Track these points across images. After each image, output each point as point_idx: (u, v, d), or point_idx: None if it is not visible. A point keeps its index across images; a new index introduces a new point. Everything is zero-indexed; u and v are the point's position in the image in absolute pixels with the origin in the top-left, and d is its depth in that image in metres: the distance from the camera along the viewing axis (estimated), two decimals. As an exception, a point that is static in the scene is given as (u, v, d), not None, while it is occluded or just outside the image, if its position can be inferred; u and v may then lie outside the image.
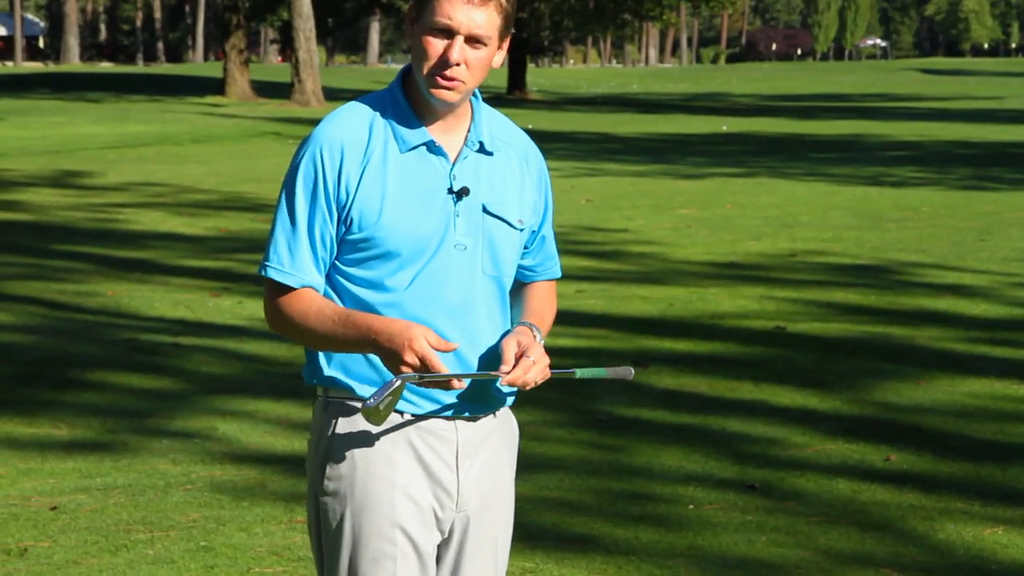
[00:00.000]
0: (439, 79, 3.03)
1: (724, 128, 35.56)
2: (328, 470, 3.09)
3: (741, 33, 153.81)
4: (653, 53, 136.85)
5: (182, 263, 12.63)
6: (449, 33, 3.02)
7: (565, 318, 10.10)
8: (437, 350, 2.97)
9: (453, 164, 3.11)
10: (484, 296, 3.15)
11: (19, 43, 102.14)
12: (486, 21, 3.03)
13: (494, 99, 52.12)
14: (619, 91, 64.76)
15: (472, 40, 3.03)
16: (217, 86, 46.72)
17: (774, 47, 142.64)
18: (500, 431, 3.30)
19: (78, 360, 8.78)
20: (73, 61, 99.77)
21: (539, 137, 23.95)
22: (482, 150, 3.15)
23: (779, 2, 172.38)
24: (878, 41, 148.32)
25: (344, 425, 3.09)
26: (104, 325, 9.85)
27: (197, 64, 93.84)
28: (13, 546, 5.63)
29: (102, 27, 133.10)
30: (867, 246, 13.50)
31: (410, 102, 3.10)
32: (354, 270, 3.08)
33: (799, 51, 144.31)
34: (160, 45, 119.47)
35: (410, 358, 2.95)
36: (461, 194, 3.09)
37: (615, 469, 6.59)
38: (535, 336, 3.21)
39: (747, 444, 7.00)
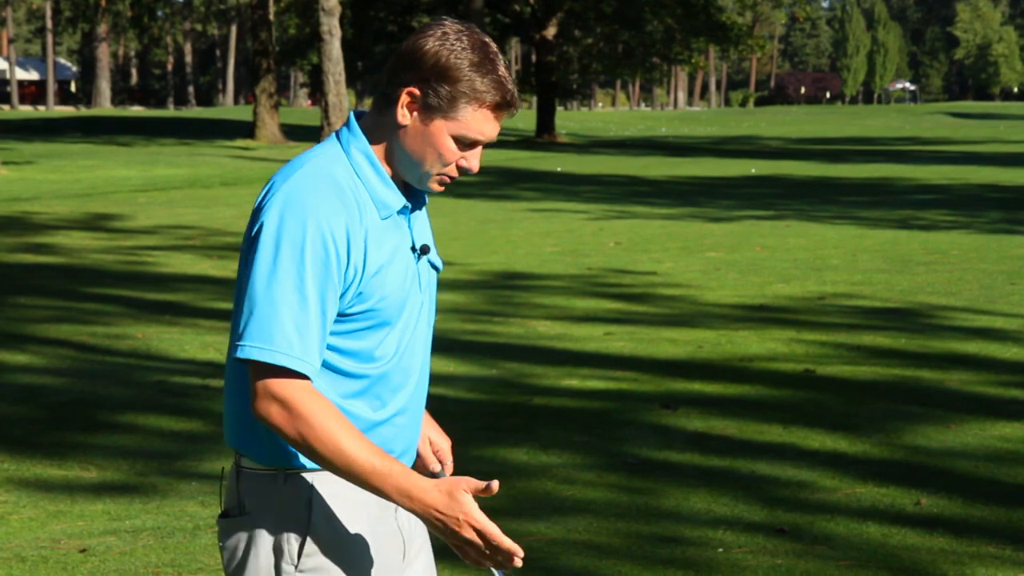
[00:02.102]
0: (446, 179, 2.92)
1: (753, 171, 35.56)
2: (307, 546, 2.89)
3: (770, 76, 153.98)
4: (682, 96, 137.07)
5: (211, 305, 12.67)
6: (474, 144, 2.89)
7: (593, 360, 10.12)
8: (477, 494, 2.84)
9: (408, 219, 2.98)
10: (428, 344, 3.07)
11: (51, 87, 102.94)
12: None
13: (523, 143, 52.26)
14: (648, 134, 64.87)
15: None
16: (247, 129, 46.97)
17: (803, 90, 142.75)
18: None
19: (108, 402, 8.81)
20: (104, 105, 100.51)
21: (568, 180, 24.09)
22: (419, 207, 3.03)
23: (808, 45, 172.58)
24: (907, 85, 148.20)
25: (321, 500, 2.91)
26: (134, 367, 9.88)
27: (227, 108, 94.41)
28: (42, 588, 5.64)
29: (133, 71, 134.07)
30: (896, 289, 13.47)
31: (384, 163, 2.92)
32: (341, 341, 2.87)
33: (828, 94, 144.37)
34: (191, 89, 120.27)
35: (469, 534, 2.81)
36: (423, 252, 2.98)
37: (644, 512, 6.57)
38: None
39: (776, 487, 6.98)
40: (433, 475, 3.22)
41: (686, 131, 69.62)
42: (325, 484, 2.90)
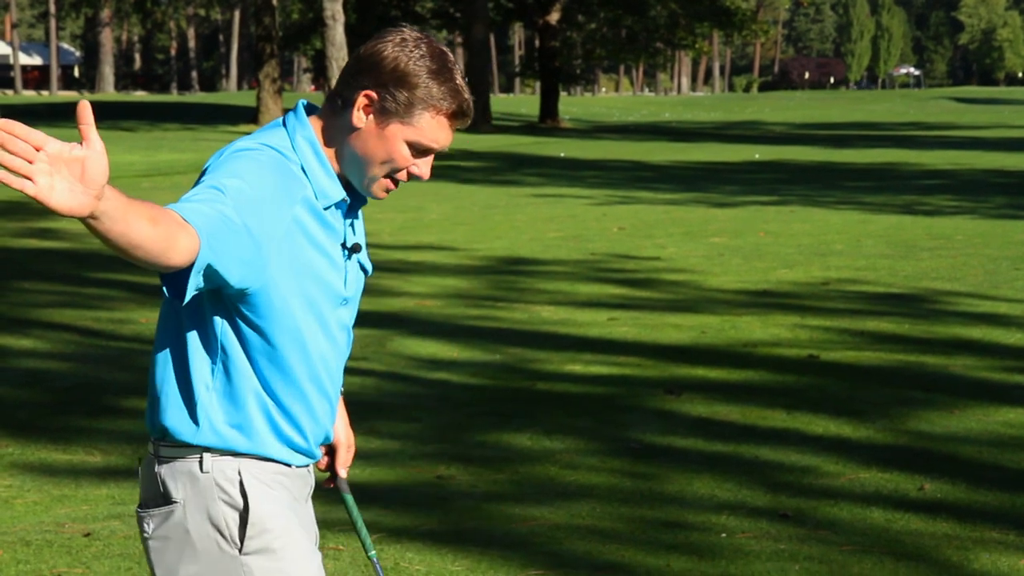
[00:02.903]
0: (392, 185, 2.93)
1: (757, 156, 35.53)
2: (250, 528, 2.90)
3: (774, 62, 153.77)
4: (686, 81, 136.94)
5: (216, 291, 12.66)
6: (427, 152, 2.92)
7: (597, 345, 10.12)
8: None
9: (345, 216, 2.98)
10: (346, 341, 3.08)
11: (55, 72, 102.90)
12: None
13: (527, 128, 52.23)
14: (651, 119, 64.83)
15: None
16: (251, 115, 46.94)
17: (807, 76, 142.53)
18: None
19: (112, 387, 8.83)
20: (108, 90, 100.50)
21: (572, 165, 24.04)
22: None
23: (812, 31, 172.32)
24: (911, 70, 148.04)
25: (254, 481, 2.93)
26: (138, 352, 9.89)
27: (231, 93, 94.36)
28: (47, 572, 5.65)
29: (137, 56, 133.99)
30: (901, 275, 13.46)
31: (327, 155, 2.92)
32: (262, 322, 2.87)
33: (832, 80, 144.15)
34: (194, 74, 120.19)
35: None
36: (353, 250, 2.98)
37: (647, 497, 6.58)
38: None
39: (780, 473, 6.98)
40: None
41: (690, 116, 69.56)
42: (250, 467, 2.93)
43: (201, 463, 2.92)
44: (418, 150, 2.89)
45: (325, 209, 2.90)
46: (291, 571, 2.92)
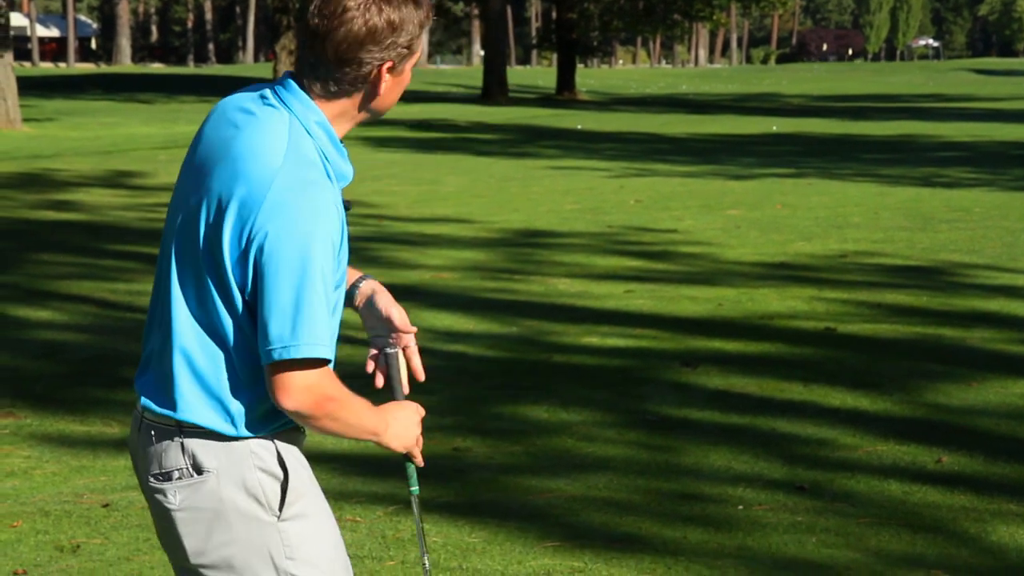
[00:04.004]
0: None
1: (774, 129, 35.43)
2: (290, 494, 2.96)
3: (792, 33, 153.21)
4: (703, 53, 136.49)
5: (233, 263, 12.68)
6: None
7: (613, 318, 10.11)
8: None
9: None
10: None
11: (72, 45, 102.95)
12: None
13: (544, 100, 52.13)
14: (669, 92, 64.66)
15: None
16: (268, 87, 46.88)
17: (825, 47, 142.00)
18: None
19: (129, 359, 8.84)
20: (125, 62, 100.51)
21: (588, 137, 24.02)
22: None
23: (830, 2, 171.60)
24: (930, 41, 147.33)
25: (288, 452, 2.99)
26: (155, 324, 9.90)
27: (247, 65, 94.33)
28: (66, 543, 5.68)
29: (153, 28, 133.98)
30: (918, 247, 13.42)
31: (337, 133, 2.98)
32: None
33: (850, 51, 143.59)
34: (211, 46, 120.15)
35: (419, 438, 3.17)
36: (347, 208, 3.00)
37: (664, 469, 6.58)
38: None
39: (797, 445, 6.98)
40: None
41: (707, 88, 69.35)
42: (280, 435, 2.99)
43: (232, 442, 2.93)
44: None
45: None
46: (325, 532, 3.01)
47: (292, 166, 2.83)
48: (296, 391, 2.82)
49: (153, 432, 2.99)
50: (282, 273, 2.79)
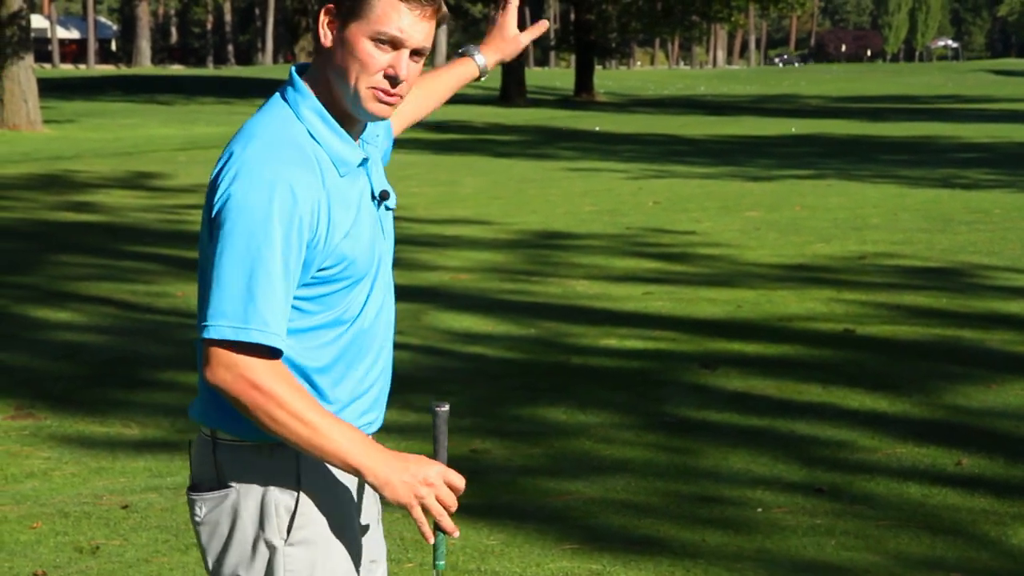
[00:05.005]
0: (380, 94, 2.75)
1: (793, 130, 35.37)
2: (299, 519, 2.82)
3: (810, 34, 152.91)
4: (721, 55, 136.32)
5: (251, 264, 12.70)
6: (394, 45, 2.74)
7: (632, 320, 10.10)
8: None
9: (366, 168, 2.88)
10: (391, 304, 2.99)
11: (92, 46, 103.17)
12: (431, 33, 2.80)
13: (562, 102, 52.13)
14: (687, 93, 64.60)
15: (415, 53, 2.77)
16: (286, 88, 46.94)
17: (843, 48, 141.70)
18: None
19: (149, 360, 8.87)
20: (144, 64, 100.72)
21: (607, 139, 23.93)
22: (365, 163, 2.89)
23: (849, 3, 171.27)
24: (949, 42, 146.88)
25: (312, 468, 2.85)
26: (174, 325, 9.93)
27: (267, 66, 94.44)
28: (85, 544, 5.69)
29: (173, 30, 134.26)
30: (938, 248, 13.39)
31: (332, 113, 2.80)
32: (309, 305, 2.78)
33: (869, 52, 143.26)
34: (230, 48, 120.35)
35: (429, 498, 2.75)
36: (382, 198, 2.88)
37: (683, 471, 6.57)
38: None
39: (816, 447, 6.96)
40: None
41: (725, 90, 69.26)
42: (309, 456, 2.78)
43: (260, 450, 2.82)
44: (383, 42, 2.73)
45: (345, 176, 2.80)
46: (331, 564, 2.85)
47: (264, 144, 2.73)
48: (216, 367, 2.67)
49: (195, 442, 2.94)
50: (223, 232, 2.66)
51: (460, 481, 2.79)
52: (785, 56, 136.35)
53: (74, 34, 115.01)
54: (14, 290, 11.37)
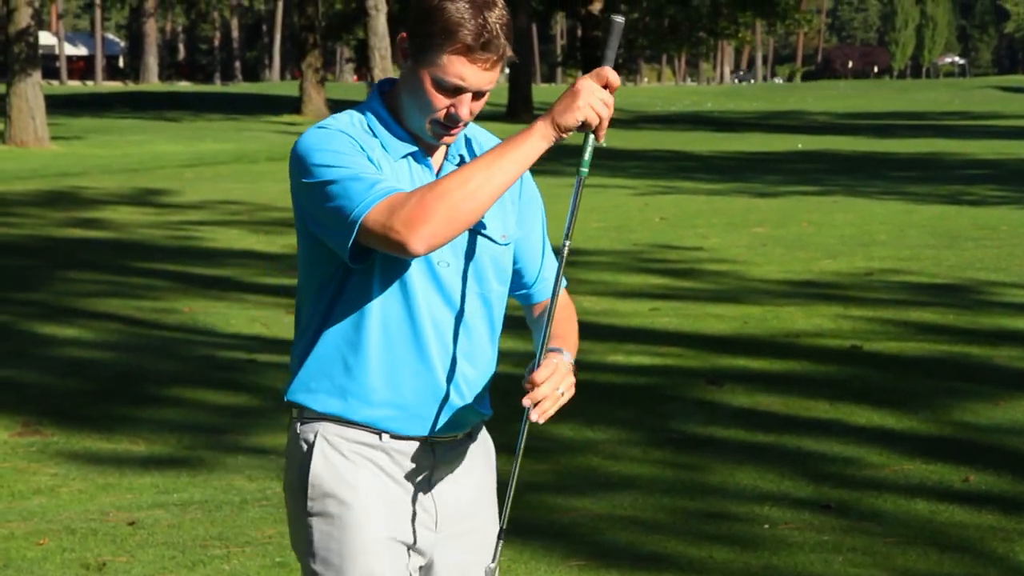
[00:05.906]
0: (439, 128, 2.90)
1: (800, 146, 35.37)
2: (311, 490, 2.96)
3: (817, 51, 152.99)
4: (728, 71, 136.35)
5: (258, 280, 12.72)
6: (457, 91, 2.86)
7: (639, 336, 10.10)
8: None
9: (437, 175, 2.96)
10: (472, 315, 3.09)
11: (99, 63, 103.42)
12: (495, 77, 2.88)
13: (568, 117, 52.07)
14: (694, 109, 64.62)
15: (478, 94, 2.89)
16: (293, 105, 47.05)
17: (850, 65, 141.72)
18: (477, 450, 3.34)
19: (155, 376, 8.87)
20: (152, 80, 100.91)
21: (613, 155, 23.89)
22: (462, 162, 2.98)
23: (855, 19, 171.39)
24: (956, 59, 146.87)
25: (324, 446, 2.97)
26: (181, 342, 9.94)
27: (274, 83, 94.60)
28: (92, 560, 5.69)
29: (180, 47, 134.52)
30: (945, 265, 13.37)
31: (394, 116, 2.95)
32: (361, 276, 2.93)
33: (876, 69, 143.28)
34: (237, 64, 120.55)
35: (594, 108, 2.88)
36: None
37: (689, 488, 6.56)
38: (563, 359, 3.21)
39: (823, 463, 6.95)
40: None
41: (732, 106, 69.26)
42: (328, 430, 2.97)
43: (294, 422, 3.02)
44: (445, 88, 2.85)
45: (399, 159, 2.93)
46: (344, 540, 2.93)
47: (321, 123, 2.93)
48: (393, 236, 2.76)
49: None
50: (314, 178, 2.84)
51: (615, 79, 2.87)
52: (741, 72, 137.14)
53: (82, 51, 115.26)
54: (22, 306, 11.39)
